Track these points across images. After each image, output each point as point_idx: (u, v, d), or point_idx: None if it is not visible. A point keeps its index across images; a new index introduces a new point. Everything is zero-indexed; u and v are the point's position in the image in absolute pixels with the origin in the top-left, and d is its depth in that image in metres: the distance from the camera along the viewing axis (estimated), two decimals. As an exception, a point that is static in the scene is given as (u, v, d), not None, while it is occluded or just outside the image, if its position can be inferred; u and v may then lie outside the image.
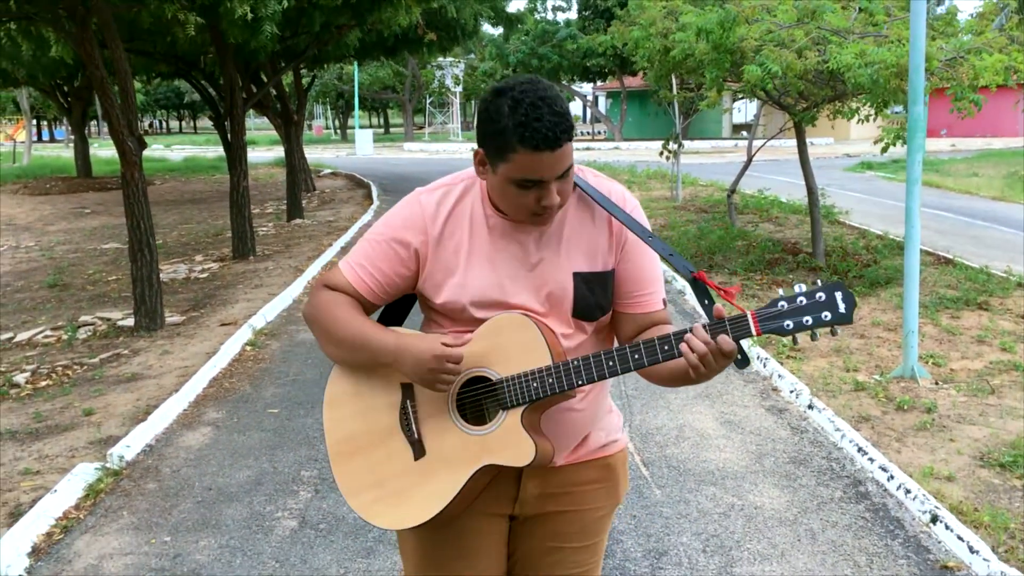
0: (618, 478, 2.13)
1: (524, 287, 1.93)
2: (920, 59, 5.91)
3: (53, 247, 13.49)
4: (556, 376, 1.84)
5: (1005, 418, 5.26)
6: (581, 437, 2.04)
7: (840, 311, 1.77)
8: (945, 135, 40.47)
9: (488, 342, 1.90)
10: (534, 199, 1.82)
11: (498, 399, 1.89)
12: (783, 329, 1.77)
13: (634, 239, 1.95)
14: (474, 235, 1.94)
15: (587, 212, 1.96)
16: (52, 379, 6.68)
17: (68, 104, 25.49)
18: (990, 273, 9.19)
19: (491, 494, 1.99)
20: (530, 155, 1.76)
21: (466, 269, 1.93)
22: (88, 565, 3.83)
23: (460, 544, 2.02)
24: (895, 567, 3.67)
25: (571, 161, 1.83)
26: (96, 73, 7.48)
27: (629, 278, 1.97)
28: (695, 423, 5.34)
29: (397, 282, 1.98)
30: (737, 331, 1.76)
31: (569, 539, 2.07)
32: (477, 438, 1.89)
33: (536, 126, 1.74)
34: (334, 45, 14.36)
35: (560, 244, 1.94)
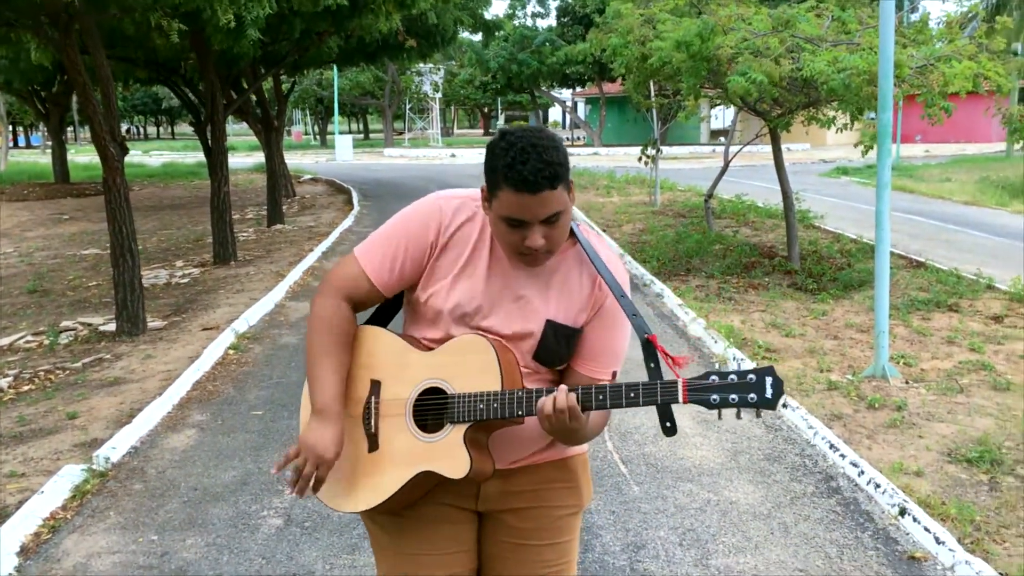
0: (579, 480, 2.21)
1: (500, 313, 2.04)
2: (889, 66, 6.06)
3: (32, 253, 13.47)
4: (500, 403, 1.95)
5: (973, 416, 5.41)
6: (537, 448, 2.13)
7: (766, 396, 1.84)
8: (919, 141, 40.98)
9: (449, 357, 2.02)
10: (520, 238, 1.93)
11: (448, 413, 2.00)
12: (709, 402, 1.86)
13: (612, 306, 2.04)
14: (475, 253, 2.05)
15: (578, 268, 2.06)
16: (35, 383, 6.71)
17: (46, 109, 25.40)
18: (960, 276, 9.39)
19: (455, 489, 2.08)
20: (513, 195, 1.88)
21: (455, 280, 2.04)
22: (77, 564, 3.89)
23: (425, 529, 2.11)
24: (864, 558, 3.79)
25: (559, 209, 1.91)
26: (78, 79, 7.52)
27: (594, 342, 2.06)
28: (672, 422, 5.45)
29: (408, 275, 2.08)
30: (665, 396, 1.87)
31: (532, 536, 2.14)
32: (424, 445, 2.01)
33: (519, 168, 1.85)
34: (314, 51, 14.44)
35: (546, 290, 2.05)
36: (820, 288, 9.08)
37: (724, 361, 6.71)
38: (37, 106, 25.43)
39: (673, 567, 3.73)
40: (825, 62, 8.25)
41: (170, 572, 3.80)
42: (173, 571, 3.80)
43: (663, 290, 9.18)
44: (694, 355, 6.95)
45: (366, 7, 10.75)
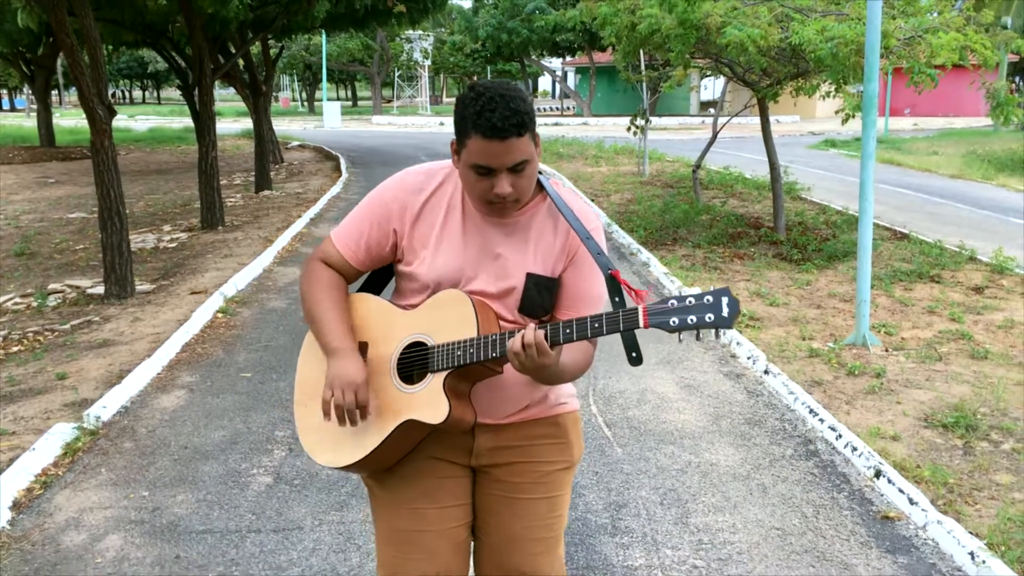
0: (569, 436, 2.28)
1: (483, 274, 2.12)
2: (876, 38, 6.11)
3: (18, 216, 13.41)
4: (476, 347, 2.02)
5: (950, 383, 5.52)
6: (522, 405, 2.20)
7: (723, 315, 1.87)
8: (908, 114, 41.08)
9: (430, 313, 2.11)
10: (488, 187, 2.01)
11: (430, 363, 2.08)
12: (668, 325, 1.89)
13: (584, 253, 2.12)
14: (448, 219, 2.13)
15: (551, 221, 2.14)
16: (24, 344, 6.74)
17: (31, 72, 25.15)
18: (943, 248, 9.49)
19: (448, 444, 2.17)
20: (481, 142, 1.95)
21: (435, 248, 2.13)
22: (69, 518, 3.96)
23: (421, 483, 2.19)
24: (839, 517, 3.90)
25: (525, 157, 1.99)
26: (66, 40, 7.48)
27: (571, 289, 2.14)
28: (656, 387, 5.55)
29: (380, 251, 2.19)
30: (627, 323, 1.91)
31: (524, 490, 2.22)
32: (406, 395, 2.09)
33: (488, 116, 1.93)
34: (303, 16, 14.33)
35: (523, 244, 2.12)
36: (805, 258, 9.17)
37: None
38: (22, 68, 25.17)
39: (654, 525, 3.83)
40: (814, 31, 8.27)
41: (161, 526, 3.87)
42: (164, 525, 3.87)
43: (649, 259, 9.25)
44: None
45: (355, -28, 10.68)
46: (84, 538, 3.79)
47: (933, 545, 3.65)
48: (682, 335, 1.92)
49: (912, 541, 3.70)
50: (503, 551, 2.24)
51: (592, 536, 3.74)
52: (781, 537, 3.73)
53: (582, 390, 5.46)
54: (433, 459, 2.18)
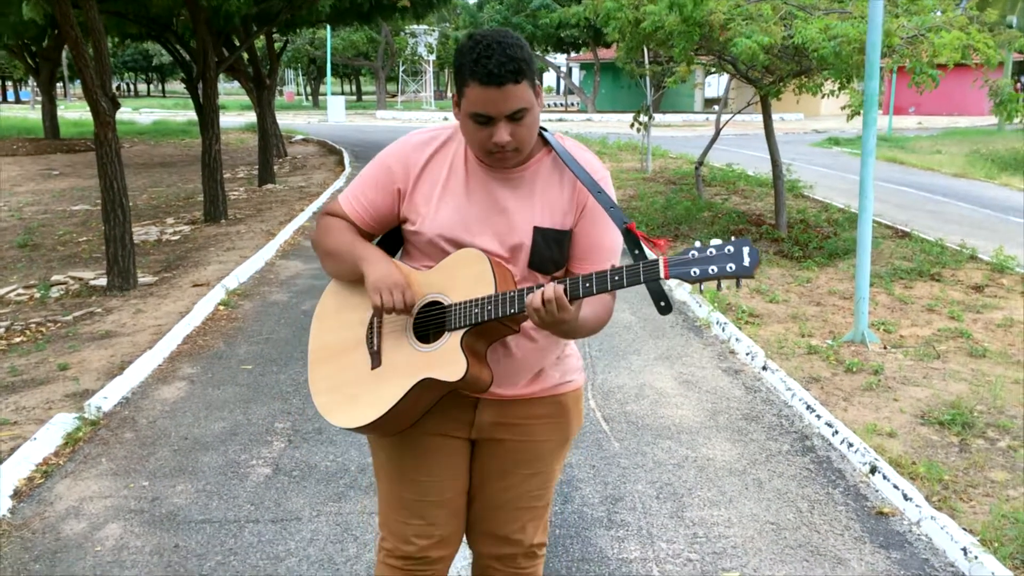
0: (569, 415, 2.31)
1: (488, 230, 2.11)
2: (877, 36, 6.12)
3: (22, 208, 13.45)
4: (494, 303, 2.01)
5: (948, 380, 5.54)
6: (534, 371, 2.22)
7: (744, 264, 1.85)
8: (913, 113, 41.01)
9: (446, 272, 2.11)
10: (487, 136, 2.00)
11: (446, 322, 2.08)
12: (689, 275, 1.87)
13: (594, 205, 2.10)
14: (452, 175, 2.13)
15: (557, 174, 2.13)
16: (26, 335, 6.77)
17: (36, 64, 25.19)
18: (944, 246, 9.50)
19: (450, 417, 2.20)
20: (479, 89, 1.95)
21: (439, 204, 2.12)
22: (69, 507, 3.99)
23: (423, 457, 2.23)
24: (834, 512, 3.92)
25: (523, 104, 1.98)
26: (70, 32, 7.51)
27: (584, 241, 2.13)
28: (655, 382, 5.57)
29: (385, 211, 2.20)
30: (648, 274, 1.89)
31: (519, 466, 2.27)
32: (423, 354, 2.09)
33: (484, 62, 1.93)
34: (307, 9, 14.36)
35: (528, 198, 2.11)
36: (806, 256, 9.18)
37: (707, 325, 6.82)
38: (27, 61, 25.22)
39: (649, 518, 3.85)
40: (817, 30, 8.28)
41: (161, 515, 3.90)
42: (164, 515, 3.91)
43: (650, 254, 9.25)
44: (678, 318, 7.06)
45: (360, -34, 10.70)
46: (84, 527, 3.82)
47: (927, 541, 3.67)
48: (703, 285, 1.90)
49: (906, 537, 3.72)
50: (490, 516, 2.31)
51: (588, 529, 3.76)
52: (775, 531, 3.75)
53: (581, 385, 5.49)
54: (434, 434, 2.21)
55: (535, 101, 2.02)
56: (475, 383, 2.06)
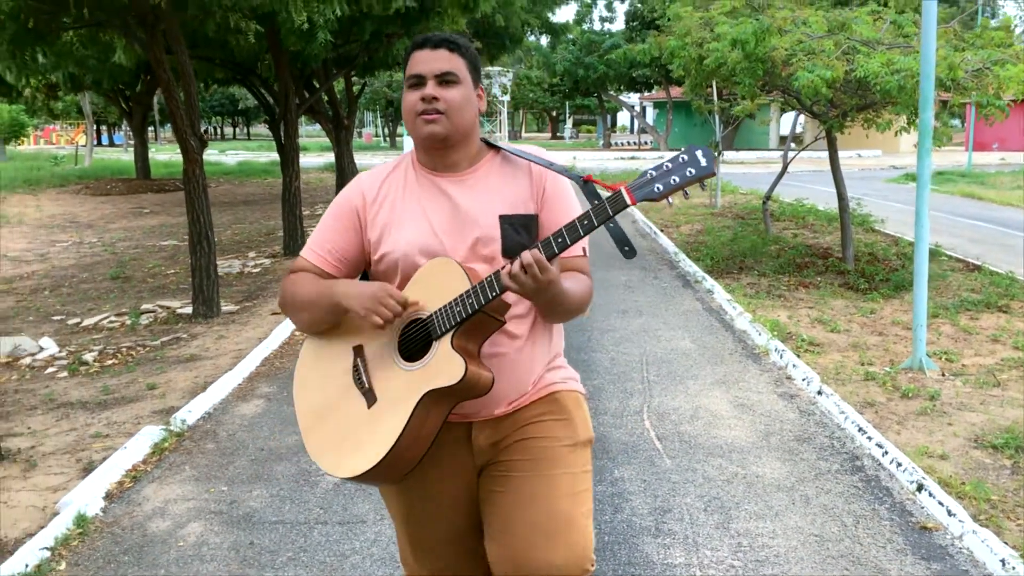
0: (571, 413, 2.21)
1: (457, 236, 2.14)
2: (930, 68, 6.23)
3: (115, 243, 14.20)
4: (473, 294, 1.99)
5: (1005, 407, 5.56)
6: (528, 381, 2.19)
7: (702, 164, 1.88)
8: (997, 148, 40.10)
9: (417, 288, 2.10)
10: (418, 97, 2.11)
11: (431, 333, 2.05)
12: (655, 193, 1.90)
13: (553, 188, 2.18)
14: (406, 193, 2.20)
15: (509, 167, 2.22)
16: (118, 358, 7.23)
17: (129, 108, 26.48)
18: (1014, 278, 9.41)
19: (449, 454, 2.16)
20: (414, 54, 2.14)
21: (400, 223, 2.17)
22: (155, 508, 4.33)
23: (429, 495, 2.21)
24: (878, 527, 4.02)
25: (453, 69, 2.12)
26: (163, 76, 8.06)
27: (551, 224, 2.13)
28: (710, 405, 5.72)
29: (350, 250, 2.23)
30: (615, 205, 1.90)
31: (521, 468, 2.13)
32: (418, 372, 2.04)
33: (421, 36, 2.16)
34: (384, 53, 14.92)
35: (485, 194, 2.16)
36: (871, 288, 9.20)
37: (766, 352, 6.93)
38: (121, 105, 26.53)
39: (696, 528, 4.01)
40: (879, 63, 8.38)
41: (238, 516, 4.21)
42: (241, 516, 4.21)
43: (713, 286, 9.39)
44: (737, 345, 7.18)
45: (433, 10, 11.17)
46: (168, 525, 4.14)
47: (968, 554, 3.75)
48: (671, 198, 1.91)
49: (947, 550, 3.80)
50: (524, 543, 2.08)
51: (636, 536, 3.94)
52: (819, 543, 3.87)
53: (637, 406, 5.67)
54: (436, 468, 2.16)
55: (471, 87, 2.16)
56: (476, 382, 2.01)
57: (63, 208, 19.50)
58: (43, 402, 6.07)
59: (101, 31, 9.60)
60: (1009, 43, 9.18)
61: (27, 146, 48.95)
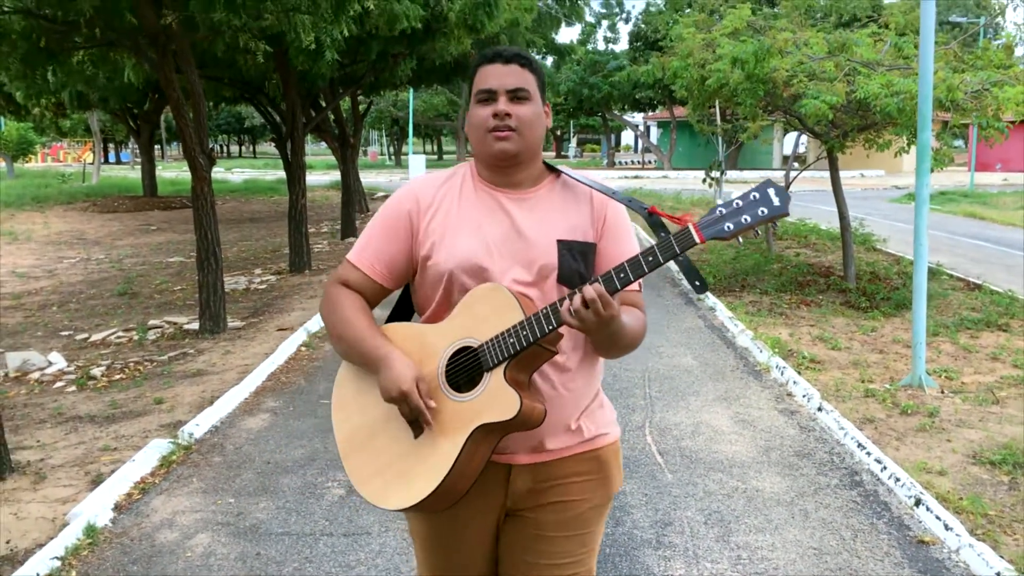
0: (610, 471, 2.19)
1: (510, 254, 2.06)
2: (928, 90, 6.33)
3: (122, 260, 14.30)
4: (528, 326, 1.93)
5: (1003, 424, 5.62)
6: (570, 418, 2.12)
7: (775, 204, 1.83)
8: (1000, 169, 40.23)
9: (466, 314, 2.02)
10: (489, 113, 2.05)
11: (482, 363, 1.98)
12: (724, 232, 1.84)
13: (614, 218, 2.13)
14: (462, 204, 2.12)
15: (570, 192, 2.15)
16: (125, 373, 7.31)
17: (137, 126, 26.68)
18: (1014, 297, 9.48)
19: (482, 490, 2.07)
20: (484, 68, 2.07)
21: (454, 234, 2.08)
22: (163, 519, 4.40)
23: (457, 532, 2.15)
24: (876, 541, 4.08)
25: (525, 85, 2.06)
26: (173, 95, 8.18)
27: (609, 255, 2.10)
28: (711, 421, 5.78)
29: (399, 257, 2.14)
30: (681, 242, 1.85)
31: (555, 529, 2.13)
32: (467, 404, 1.97)
33: (492, 48, 2.10)
34: (390, 72, 15.07)
35: (545, 216, 2.10)
36: (872, 306, 9.26)
37: (767, 369, 6.99)
38: (129, 123, 26.74)
39: (696, 541, 4.07)
40: (879, 85, 8.48)
41: (245, 528, 4.27)
42: (248, 527, 4.28)
43: (715, 303, 9.46)
44: (739, 362, 7.25)
45: (439, 31, 11.31)
46: (176, 536, 4.21)
47: (964, 567, 3.81)
48: (740, 238, 1.86)
49: (944, 563, 3.86)
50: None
51: (637, 549, 4.00)
52: (817, 556, 3.93)
53: (639, 421, 5.73)
54: (468, 506, 2.09)
55: (540, 104, 2.10)
56: (530, 416, 1.95)
57: (71, 225, 19.65)
58: (52, 416, 6.14)
59: (111, 51, 9.75)
60: (1009, 64, 9.28)
61: (35, 164, 49.29)
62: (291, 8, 7.79)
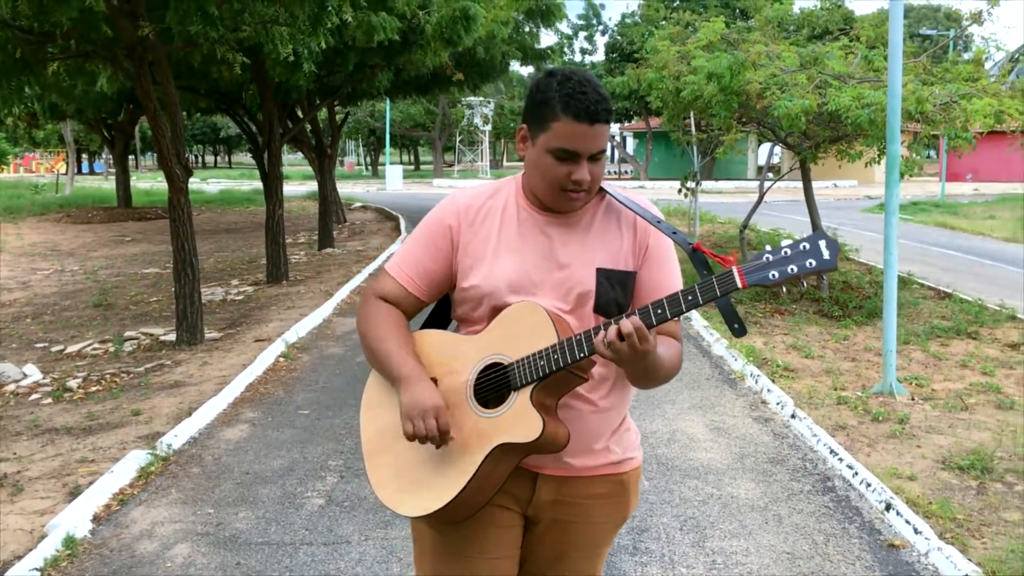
0: (628, 495, 2.19)
1: (549, 280, 2.04)
2: (897, 103, 6.47)
3: (97, 271, 14.23)
4: (560, 351, 1.92)
5: (972, 430, 5.73)
6: (598, 439, 2.10)
7: (824, 258, 1.79)
8: (971, 179, 40.79)
9: (501, 330, 2.01)
10: (566, 173, 1.96)
11: (510, 381, 1.98)
12: (768, 279, 1.82)
13: (656, 245, 2.07)
14: (504, 225, 2.07)
15: (613, 216, 2.09)
16: (102, 385, 7.29)
17: (111, 137, 26.54)
18: (983, 305, 9.64)
19: (508, 493, 2.08)
20: (570, 124, 1.91)
21: (495, 257, 2.05)
22: (143, 530, 4.41)
23: (475, 536, 2.10)
24: (848, 545, 4.16)
25: (605, 145, 1.98)
26: (149, 106, 8.18)
27: (649, 283, 2.06)
28: (687, 429, 5.86)
29: (439, 272, 2.12)
30: (723, 285, 1.82)
31: (574, 548, 2.16)
32: (491, 420, 1.97)
33: (580, 97, 1.90)
34: (367, 83, 15.11)
35: (586, 242, 2.05)
36: (845, 315, 9.40)
37: (742, 377, 7.08)
38: (104, 133, 26.60)
39: (672, 547, 4.14)
40: (850, 97, 8.63)
41: (225, 538, 4.29)
42: (227, 537, 4.30)
43: (691, 314, 9.57)
44: (714, 371, 7.34)
45: (416, 43, 11.37)
46: (156, 546, 4.22)
47: (933, 570, 3.89)
48: (784, 287, 1.85)
49: (913, 566, 3.94)
50: None
51: (614, 555, 4.05)
52: (790, 560, 4.00)
53: (616, 430, 5.79)
54: (490, 506, 2.06)
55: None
56: (553, 440, 1.95)
57: (44, 236, 19.51)
58: (28, 428, 6.12)
59: (88, 62, 9.73)
60: (977, 77, 9.47)
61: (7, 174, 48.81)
62: (269, 20, 7.83)
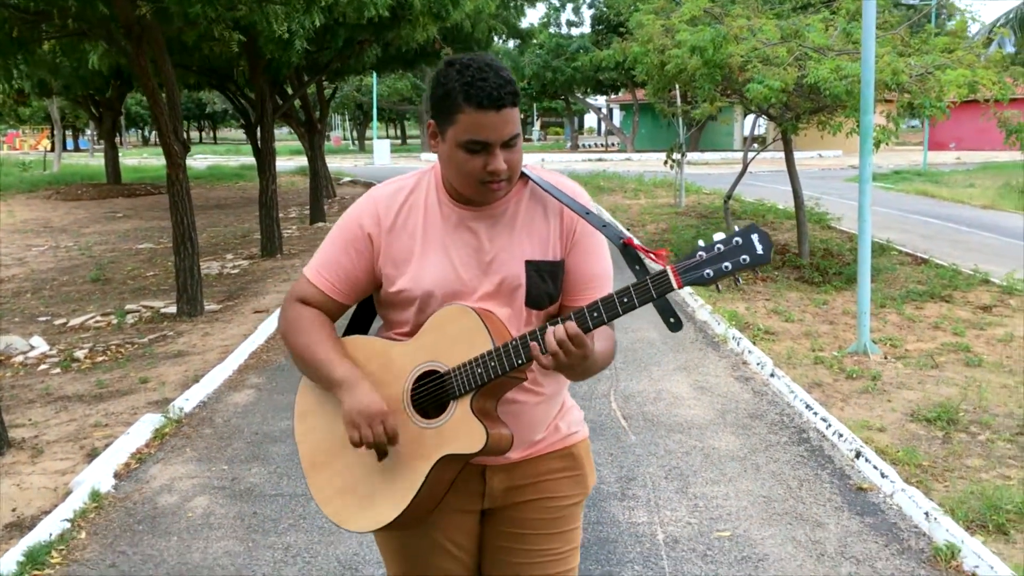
0: (584, 467, 2.17)
1: (479, 276, 1.97)
2: (870, 74, 6.75)
3: (91, 247, 14.43)
4: (497, 358, 1.87)
5: (940, 386, 6.07)
6: (544, 427, 2.09)
7: (758, 252, 1.76)
8: (954, 148, 41.16)
9: (434, 335, 1.94)
10: (481, 165, 1.87)
11: (448, 391, 1.92)
12: (703, 278, 1.78)
13: (584, 234, 2.01)
14: (428, 224, 1.99)
15: (539, 204, 2.01)
16: (108, 355, 7.56)
17: (99, 113, 26.56)
18: (958, 270, 9.98)
19: (459, 492, 2.04)
20: (475, 114, 1.82)
21: (421, 258, 1.97)
22: (162, 484, 4.70)
23: (430, 539, 2.09)
24: (819, 488, 4.49)
25: (517, 130, 1.88)
26: (147, 84, 8.39)
27: (577, 271, 2.01)
28: (672, 388, 6.17)
29: (359, 276, 2.03)
30: (659, 287, 1.78)
31: (537, 527, 2.11)
32: (433, 431, 1.93)
33: (481, 85, 1.81)
34: (356, 59, 15.29)
35: (512, 234, 1.98)
36: (825, 281, 9.72)
37: (724, 340, 7.40)
38: (91, 110, 26.61)
39: (657, 493, 4.45)
40: (828, 69, 8.90)
41: (240, 491, 4.59)
42: (243, 490, 4.59)
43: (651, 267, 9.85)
44: (698, 335, 7.66)
45: (404, 19, 11.56)
46: (176, 499, 4.52)
47: (897, 509, 4.22)
48: (720, 284, 1.83)
49: (879, 506, 4.28)
50: None
51: (604, 501, 4.37)
52: (766, 503, 4.33)
53: (604, 390, 6.11)
54: (442, 510, 2.04)
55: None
56: (497, 446, 1.91)
57: (35, 213, 19.65)
58: (40, 396, 6.39)
59: (82, 40, 9.88)
60: (953, 48, 9.74)
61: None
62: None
